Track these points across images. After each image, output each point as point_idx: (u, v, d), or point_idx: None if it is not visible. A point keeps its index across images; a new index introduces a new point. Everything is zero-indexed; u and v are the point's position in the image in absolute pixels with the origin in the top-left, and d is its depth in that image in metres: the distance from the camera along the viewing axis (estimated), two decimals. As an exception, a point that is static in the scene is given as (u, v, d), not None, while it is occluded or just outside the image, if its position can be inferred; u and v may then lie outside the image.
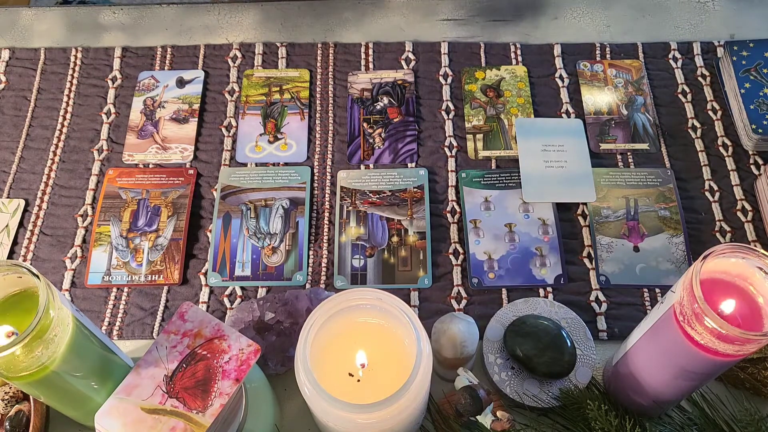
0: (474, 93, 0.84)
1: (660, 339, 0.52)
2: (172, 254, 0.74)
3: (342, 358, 0.55)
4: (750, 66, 0.82)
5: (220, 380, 0.52)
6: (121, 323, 0.71)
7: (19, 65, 0.88)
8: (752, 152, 0.80)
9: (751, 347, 0.47)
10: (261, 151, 0.81)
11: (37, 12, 0.92)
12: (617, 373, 0.61)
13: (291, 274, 0.73)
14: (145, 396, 0.51)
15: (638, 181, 0.78)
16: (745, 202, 0.77)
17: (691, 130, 0.82)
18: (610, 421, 0.56)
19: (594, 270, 0.73)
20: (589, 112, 0.83)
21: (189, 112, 0.84)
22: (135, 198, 0.77)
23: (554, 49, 0.88)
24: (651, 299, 0.71)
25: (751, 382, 0.64)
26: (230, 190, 0.78)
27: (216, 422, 0.51)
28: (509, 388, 0.64)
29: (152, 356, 0.53)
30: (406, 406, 0.51)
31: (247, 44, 0.89)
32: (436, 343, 0.62)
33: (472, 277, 0.72)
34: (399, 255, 0.74)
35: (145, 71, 0.87)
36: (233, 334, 0.53)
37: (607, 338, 0.69)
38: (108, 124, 0.83)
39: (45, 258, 0.74)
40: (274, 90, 0.85)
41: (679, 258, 0.73)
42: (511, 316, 0.68)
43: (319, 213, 0.77)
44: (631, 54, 0.87)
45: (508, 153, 0.80)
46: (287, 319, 0.66)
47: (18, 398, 0.62)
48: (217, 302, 0.72)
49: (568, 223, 0.76)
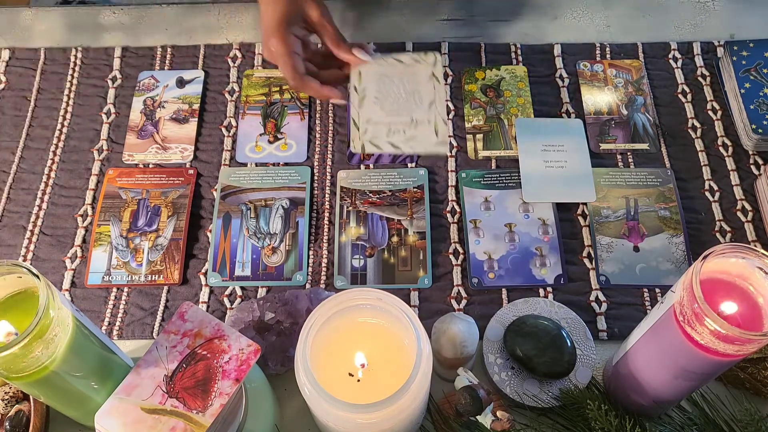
0: (474, 93, 0.84)
1: (660, 339, 0.52)
2: (172, 254, 0.74)
3: (342, 358, 0.55)
4: (750, 66, 0.82)
5: (220, 380, 0.52)
6: (121, 323, 0.71)
7: (19, 65, 0.88)
8: (752, 152, 0.80)
9: (751, 347, 0.47)
10: (261, 151, 0.81)
11: (37, 12, 0.92)
12: (617, 373, 0.61)
13: (291, 274, 0.73)
14: (145, 396, 0.51)
15: (638, 181, 0.78)
16: (745, 202, 0.77)
17: (691, 130, 0.82)
18: (610, 421, 0.56)
19: (594, 270, 0.73)
20: (589, 112, 0.83)
21: (189, 112, 0.84)
22: (135, 198, 0.77)
23: (554, 49, 0.88)
24: (651, 299, 0.71)
25: (751, 382, 0.64)
26: (230, 190, 0.78)
27: (216, 422, 0.51)
28: (509, 388, 0.64)
29: (152, 356, 0.53)
30: (406, 406, 0.51)
31: (247, 44, 0.89)
32: (436, 343, 0.62)
33: (472, 277, 0.72)
34: (399, 255, 0.74)
35: (145, 71, 0.87)
36: (233, 334, 0.53)
37: (607, 338, 0.69)
38: (108, 124, 0.83)
39: (45, 258, 0.75)
40: (274, 90, 0.85)
41: (679, 258, 0.73)
42: (511, 316, 0.68)
43: (319, 213, 0.77)
44: (631, 54, 0.87)
45: (508, 153, 0.80)
46: (287, 319, 0.66)
47: (18, 398, 0.62)
48: (217, 302, 0.72)
49: (568, 223, 0.76)
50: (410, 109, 0.70)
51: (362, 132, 0.68)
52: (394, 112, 0.70)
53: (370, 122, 0.69)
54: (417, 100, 0.70)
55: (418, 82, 0.71)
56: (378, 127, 0.69)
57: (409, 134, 0.69)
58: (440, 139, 0.69)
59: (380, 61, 0.72)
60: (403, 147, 0.69)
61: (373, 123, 0.69)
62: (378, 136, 0.68)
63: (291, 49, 0.70)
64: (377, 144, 0.68)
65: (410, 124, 0.69)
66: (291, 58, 0.70)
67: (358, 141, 0.69)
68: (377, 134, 0.68)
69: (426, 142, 0.69)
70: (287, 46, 0.70)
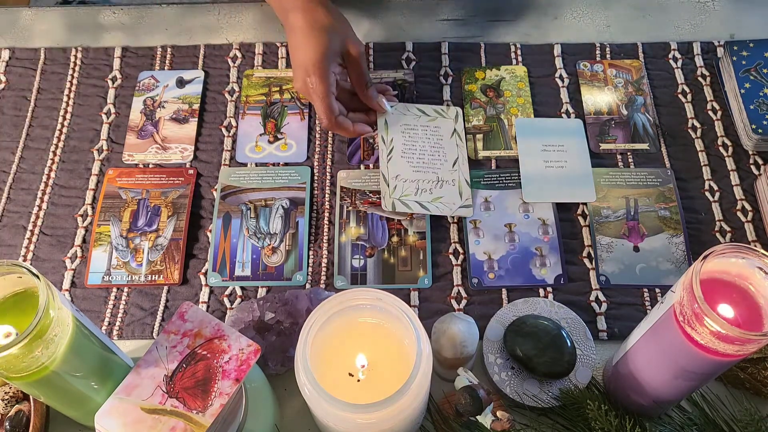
0: (474, 93, 0.84)
1: (660, 339, 0.52)
2: (172, 254, 0.74)
3: (342, 358, 0.56)
4: (750, 66, 0.82)
5: (220, 380, 0.52)
6: (121, 323, 0.71)
7: (19, 65, 0.88)
8: (752, 152, 0.80)
9: (751, 347, 0.47)
10: (261, 151, 0.81)
11: (37, 12, 0.92)
12: (617, 373, 0.61)
13: (291, 274, 0.73)
14: (145, 396, 0.51)
15: (638, 181, 0.78)
16: (745, 202, 0.77)
17: (691, 130, 0.82)
18: (610, 421, 0.56)
19: (594, 270, 0.73)
20: (589, 112, 0.83)
21: (189, 112, 0.84)
22: (135, 198, 0.77)
23: (554, 49, 0.88)
24: (651, 299, 0.71)
25: (751, 382, 0.64)
26: (230, 190, 0.78)
27: (216, 422, 0.51)
28: (509, 388, 0.64)
29: (152, 356, 0.53)
30: (406, 406, 0.51)
31: (247, 44, 0.89)
32: (436, 343, 0.62)
33: (472, 277, 0.72)
34: (399, 255, 0.74)
35: (145, 71, 0.87)
36: (233, 334, 0.53)
37: (607, 338, 0.69)
38: (108, 124, 0.83)
39: (45, 258, 0.75)
40: (274, 90, 0.85)
41: (679, 258, 0.73)
42: (511, 316, 0.68)
43: (319, 213, 0.77)
44: (631, 54, 0.87)
45: (508, 153, 0.80)
46: (287, 319, 0.66)
47: (18, 398, 0.62)
48: (217, 302, 0.72)
49: (568, 223, 0.76)
50: (435, 166, 0.73)
51: (392, 189, 0.72)
52: (420, 168, 0.73)
53: (398, 179, 0.73)
54: (441, 157, 0.74)
55: (441, 137, 0.75)
56: (406, 185, 0.72)
57: (436, 194, 0.72)
58: (464, 202, 0.73)
59: (403, 110, 0.76)
60: (431, 208, 0.73)
61: (401, 180, 0.73)
62: (407, 195, 0.72)
63: (330, 89, 0.69)
64: (406, 203, 0.72)
65: (436, 183, 0.72)
66: (328, 99, 0.69)
67: (389, 198, 0.73)
68: (406, 193, 0.72)
69: (451, 203, 0.73)
70: (327, 85, 0.69)
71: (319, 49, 0.68)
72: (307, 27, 0.69)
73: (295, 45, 0.70)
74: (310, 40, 0.68)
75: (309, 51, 0.68)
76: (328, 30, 0.69)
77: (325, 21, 0.70)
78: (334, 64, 0.70)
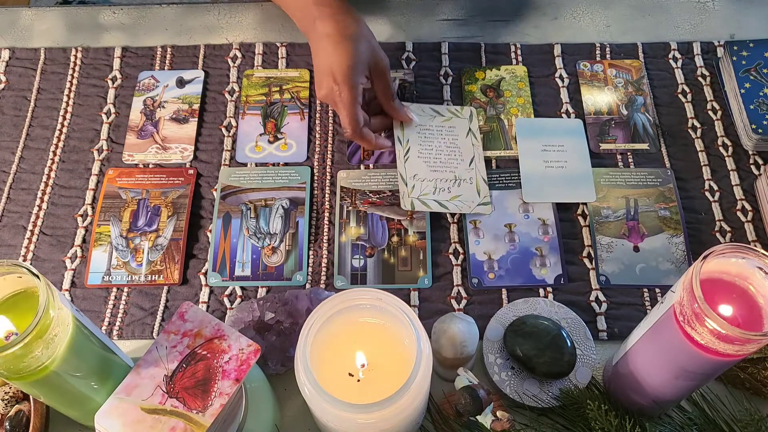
0: (474, 93, 0.84)
1: (660, 339, 0.52)
2: (172, 254, 0.74)
3: (342, 358, 0.55)
4: (750, 66, 0.82)
5: (220, 380, 0.52)
6: (121, 323, 0.71)
7: (19, 65, 0.88)
8: (752, 152, 0.80)
9: (751, 347, 0.47)
10: (261, 151, 0.81)
11: (37, 12, 0.92)
12: (617, 373, 0.61)
13: (291, 274, 0.73)
14: (145, 396, 0.51)
15: (638, 181, 0.78)
16: (745, 202, 0.77)
17: (691, 130, 0.82)
18: (610, 421, 0.56)
19: (594, 270, 0.73)
20: (589, 112, 0.83)
21: (189, 112, 0.84)
22: (135, 198, 0.77)
23: (554, 49, 0.88)
24: (651, 299, 0.71)
25: (751, 382, 0.64)
26: (230, 190, 0.78)
27: (216, 422, 0.51)
28: (509, 388, 0.64)
29: (152, 356, 0.53)
30: (406, 406, 0.51)
31: (247, 44, 0.89)
32: (436, 343, 0.62)
33: (472, 277, 0.72)
34: (399, 255, 0.74)
35: (145, 71, 0.87)
36: (233, 334, 0.53)
37: (607, 338, 0.69)
38: (108, 124, 0.83)
39: (45, 258, 0.75)
40: (274, 90, 0.85)
41: (679, 258, 0.73)
42: (511, 316, 0.68)
43: (319, 213, 0.77)
44: (631, 54, 0.87)
45: (508, 153, 0.80)
46: (287, 319, 0.66)
47: (18, 398, 0.62)
48: (217, 302, 0.72)
49: (568, 223, 0.76)
50: (452, 165, 0.74)
51: (410, 188, 0.72)
52: (437, 167, 0.74)
53: (416, 178, 0.73)
54: (458, 156, 0.74)
55: (456, 136, 0.76)
56: (424, 184, 0.73)
57: (454, 192, 0.73)
58: (482, 199, 0.73)
59: (418, 111, 0.76)
60: (450, 206, 0.73)
61: (419, 179, 0.73)
62: (425, 194, 0.72)
63: (357, 99, 0.69)
64: (425, 202, 0.72)
65: (454, 182, 0.73)
66: (355, 109, 0.69)
67: (408, 198, 0.73)
68: (425, 192, 0.72)
69: (470, 201, 0.74)
70: (354, 95, 0.68)
71: (349, 58, 0.67)
72: (337, 35, 0.68)
73: (323, 52, 0.69)
74: (339, 48, 0.67)
75: (338, 59, 0.67)
76: (358, 39, 0.69)
77: (356, 30, 0.69)
78: (362, 75, 0.70)
